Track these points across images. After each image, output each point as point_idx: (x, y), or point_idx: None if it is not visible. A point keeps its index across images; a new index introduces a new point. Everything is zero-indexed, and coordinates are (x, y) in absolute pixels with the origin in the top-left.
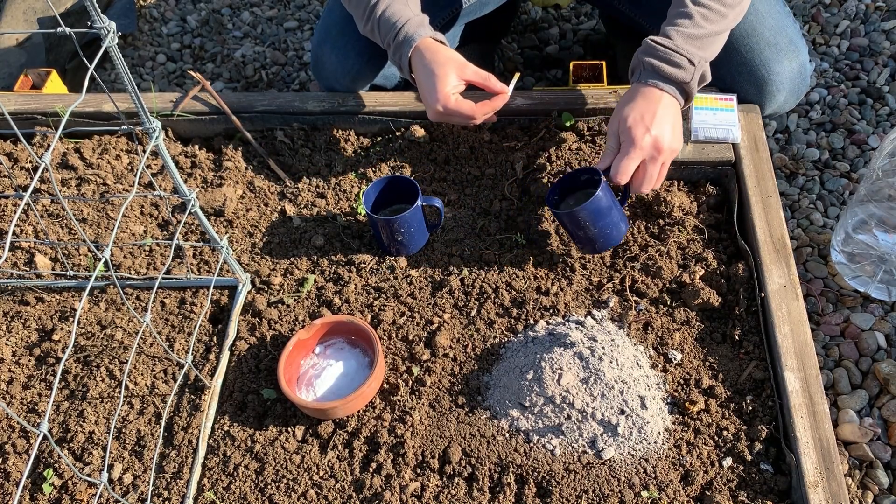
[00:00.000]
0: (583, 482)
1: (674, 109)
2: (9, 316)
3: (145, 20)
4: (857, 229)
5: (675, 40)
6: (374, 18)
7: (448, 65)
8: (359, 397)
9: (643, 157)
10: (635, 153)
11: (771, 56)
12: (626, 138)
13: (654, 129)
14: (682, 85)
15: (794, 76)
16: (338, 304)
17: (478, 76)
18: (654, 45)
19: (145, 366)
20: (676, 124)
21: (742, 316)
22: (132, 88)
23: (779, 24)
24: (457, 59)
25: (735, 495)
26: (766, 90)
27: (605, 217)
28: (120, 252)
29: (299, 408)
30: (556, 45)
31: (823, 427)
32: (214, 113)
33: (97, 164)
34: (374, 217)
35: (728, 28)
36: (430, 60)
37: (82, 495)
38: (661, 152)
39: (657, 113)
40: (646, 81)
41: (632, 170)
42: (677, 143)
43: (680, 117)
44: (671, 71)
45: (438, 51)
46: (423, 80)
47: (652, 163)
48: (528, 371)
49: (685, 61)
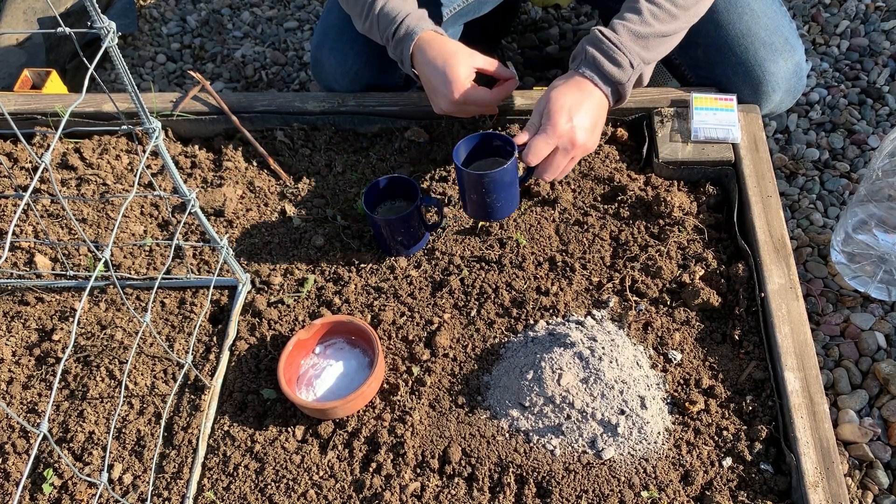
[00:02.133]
0: (583, 482)
1: (601, 109)
2: (9, 316)
3: (145, 20)
4: (857, 229)
5: (621, 36)
6: (372, 15)
7: (458, 54)
8: (359, 397)
9: (557, 145)
10: (552, 139)
11: (766, 56)
12: (548, 121)
13: (576, 121)
14: (617, 85)
15: (790, 76)
16: (338, 304)
17: (487, 63)
18: (601, 36)
19: (145, 366)
20: (598, 124)
21: (742, 316)
22: (132, 88)
23: (775, 24)
24: (464, 48)
25: (735, 495)
26: (761, 90)
27: (505, 190)
28: (120, 252)
29: (299, 408)
30: (556, 45)
31: (823, 427)
32: (214, 113)
33: (97, 164)
34: (374, 217)
35: (678, 31)
36: (438, 52)
37: (82, 495)
38: (574, 146)
39: (584, 106)
40: (583, 72)
41: (544, 153)
42: (592, 143)
43: (604, 117)
44: (610, 69)
45: (444, 42)
46: (432, 73)
47: (563, 153)
48: (528, 371)
49: (626, 61)
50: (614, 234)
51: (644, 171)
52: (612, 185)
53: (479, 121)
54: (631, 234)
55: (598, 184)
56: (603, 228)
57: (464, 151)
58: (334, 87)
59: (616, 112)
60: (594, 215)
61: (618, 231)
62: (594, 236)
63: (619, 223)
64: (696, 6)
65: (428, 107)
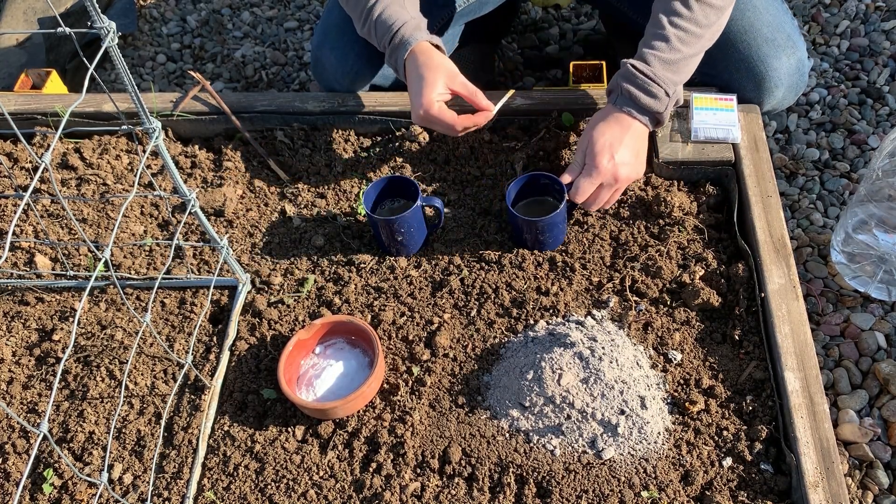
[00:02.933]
0: (583, 482)
1: (642, 138)
2: (9, 316)
3: (145, 20)
4: (857, 229)
5: (654, 67)
6: (370, 20)
7: (438, 71)
8: (359, 397)
9: (602, 182)
10: (596, 178)
11: (769, 52)
12: (591, 162)
13: (618, 158)
14: (655, 115)
15: (793, 72)
16: (338, 304)
17: (465, 88)
18: (634, 71)
19: (145, 366)
20: (641, 152)
21: (742, 316)
22: (132, 88)
23: (777, 21)
24: (448, 66)
25: (735, 495)
26: (764, 86)
27: (556, 227)
28: (120, 252)
29: (299, 408)
30: (556, 45)
31: (823, 427)
32: (214, 113)
33: (97, 164)
34: (374, 217)
35: (703, 49)
36: (422, 65)
37: (82, 495)
38: (618, 181)
39: (624, 141)
40: (621, 108)
41: (589, 192)
42: (636, 174)
43: (646, 144)
44: (647, 101)
45: (432, 56)
46: (412, 84)
47: (608, 188)
48: (528, 371)
49: (661, 92)
50: (614, 234)
51: (644, 171)
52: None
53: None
54: (631, 234)
55: None
56: (603, 228)
57: (513, 193)
58: (335, 87)
59: None
60: (594, 215)
61: (618, 231)
62: (594, 236)
63: (619, 223)
64: (717, 21)
65: None
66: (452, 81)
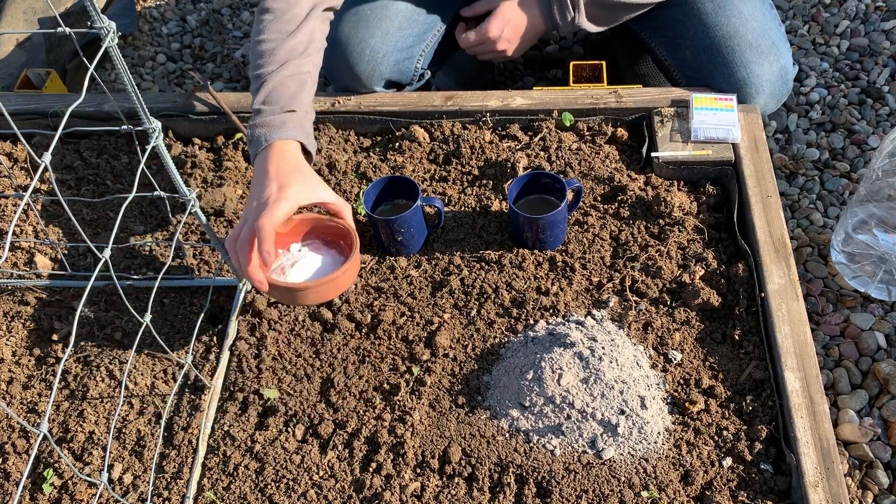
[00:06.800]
0: (583, 482)
1: (532, 29)
2: (9, 316)
3: (145, 20)
4: (857, 229)
5: None
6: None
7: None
8: (331, 283)
9: (484, 41)
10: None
11: (752, 58)
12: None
13: (505, 33)
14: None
15: (775, 79)
16: (338, 303)
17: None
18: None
19: (145, 366)
20: (526, 40)
21: (742, 316)
22: (132, 88)
23: (762, 27)
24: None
25: (735, 495)
26: (745, 92)
27: (557, 226)
28: (120, 252)
29: (269, 290)
30: (556, 45)
31: (823, 427)
32: (214, 113)
33: (97, 164)
34: (374, 217)
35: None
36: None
37: (82, 495)
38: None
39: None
40: None
41: (472, 44)
42: (510, 53)
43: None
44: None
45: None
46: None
47: (484, 45)
48: (528, 371)
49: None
50: (614, 234)
51: (644, 171)
52: (612, 184)
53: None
54: (631, 234)
55: (598, 184)
56: (603, 228)
57: (515, 191)
58: (350, 87)
59: (616, 112)
60: (594, 215)
61: (618, 231)
62: (594, 236)
63: (619, 223)
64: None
65: (428, 107)
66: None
